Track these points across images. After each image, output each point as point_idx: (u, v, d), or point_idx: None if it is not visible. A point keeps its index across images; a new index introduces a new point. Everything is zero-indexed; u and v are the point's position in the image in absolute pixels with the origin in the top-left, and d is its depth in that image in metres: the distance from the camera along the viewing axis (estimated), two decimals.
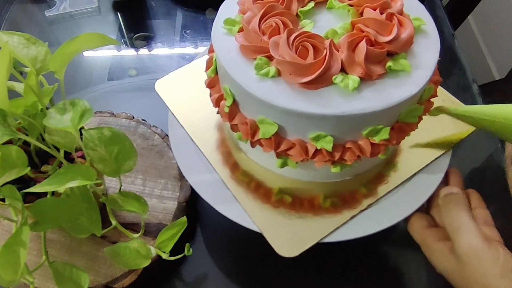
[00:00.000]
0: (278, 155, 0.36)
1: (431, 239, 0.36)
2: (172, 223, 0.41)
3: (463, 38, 1.15)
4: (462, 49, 0.67)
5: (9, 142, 0.38)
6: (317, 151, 0.34)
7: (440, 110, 0.39)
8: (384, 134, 0.33)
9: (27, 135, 0.37)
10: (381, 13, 0.34)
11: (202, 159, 0.43)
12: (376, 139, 0.34)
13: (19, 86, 0.38)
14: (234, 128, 0.37)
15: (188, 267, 0.46)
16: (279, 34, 0.33)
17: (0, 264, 0.29)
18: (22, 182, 0.38)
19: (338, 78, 0.32)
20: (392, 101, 0.32)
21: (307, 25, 0.35)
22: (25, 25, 0.73)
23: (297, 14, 0.36)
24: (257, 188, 0.41)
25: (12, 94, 0.36)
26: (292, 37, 0.32)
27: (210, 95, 0.40)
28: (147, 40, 0.71)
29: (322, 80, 0.32)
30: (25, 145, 0.40)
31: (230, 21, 0.36)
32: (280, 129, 0.34)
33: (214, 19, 0.38)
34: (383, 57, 0.33)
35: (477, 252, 0.32)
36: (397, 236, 0.48)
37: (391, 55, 0.33)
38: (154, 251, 0.40)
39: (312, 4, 0.37)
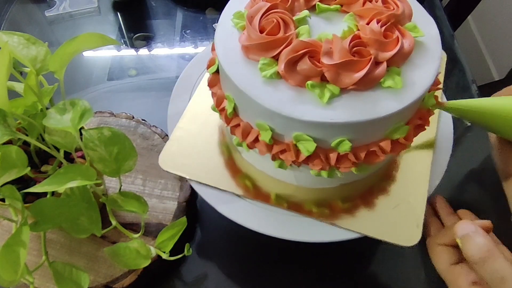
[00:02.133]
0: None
1: (465, 283, 0.33)
2: (172, 223, 0.41)
3: (462, 39, 1.15)
4: (462, 49, 0.67)
5: (9, 142, 0.38)
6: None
7: (436, 105, 0.39)
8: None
9: (27, 135, 0.37)
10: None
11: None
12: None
13: (19, 86, 0.38)
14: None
15: (188, 267, 0.46)
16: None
17: (0, 264, 0.29)
18: (22, 182, 0.38)
19: (263, 60, 0.33)
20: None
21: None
22: (25, 25, 0.73)
23: (314, 6, 0.37)
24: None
25: (12, 94, 0.36)
26: (266, 14, 0.34)
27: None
28: (147, 40, 0.71)
29: (264, 48, 0.33)
30: (25, 145, 0.40)
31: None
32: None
33: (214, 19, 0.38)
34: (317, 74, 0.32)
35: None
36: None
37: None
38: (154, 251, 0.40)
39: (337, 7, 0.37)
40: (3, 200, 0.35)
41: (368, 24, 0.33)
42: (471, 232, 0.32)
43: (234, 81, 0.33)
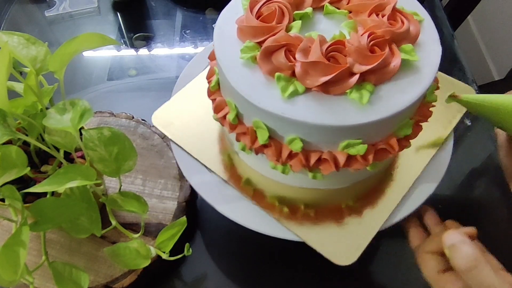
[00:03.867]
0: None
1: None
2: (172, 223, 0.41)
3: (462, 39, 1.15)
4: (462, 49, 0.67)
5: (9, 142, 0.38)
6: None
7: (452, 98, 0.39)
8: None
9: (27, 135, 0.37)
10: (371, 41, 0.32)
11: None
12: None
13: (19, 86, 0.38)
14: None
15: (188, 267, 0.46)
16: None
17: (0, 264, 0.29)
18: (22, 182, 0.38)
19: (248, 44, 0.33)
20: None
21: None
22: (25, 25, 0.73)
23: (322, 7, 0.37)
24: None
25: (12, 94, 0.36)
26: (268, 1, 0.35)
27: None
28: (147, 40, 0.71)
29: (253, 33, 0.34)
30: (25, 145, 0.40)
31: None
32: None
33: (214, 19, 0.38)
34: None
35: None
36: (395, 236, 0.48)
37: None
38: (154, 251, 0.40)
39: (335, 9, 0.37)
40: (3, 200, 0.35)
41: (362, 35, 0.33)
42: (458, 242, 0.32)
43: (217, 56, 0.34)
